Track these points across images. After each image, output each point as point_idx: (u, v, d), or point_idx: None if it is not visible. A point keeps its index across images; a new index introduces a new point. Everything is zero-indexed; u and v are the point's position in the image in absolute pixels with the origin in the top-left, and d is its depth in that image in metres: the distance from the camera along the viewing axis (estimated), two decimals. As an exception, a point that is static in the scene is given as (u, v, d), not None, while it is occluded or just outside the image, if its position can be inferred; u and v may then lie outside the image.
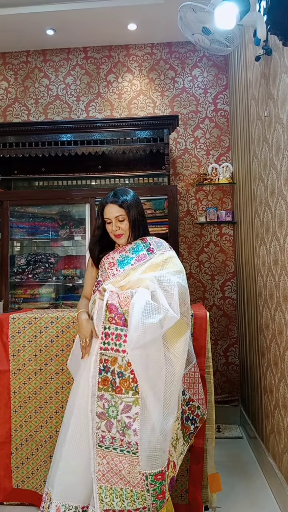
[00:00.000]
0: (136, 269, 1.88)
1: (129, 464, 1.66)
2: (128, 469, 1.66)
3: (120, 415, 1.68)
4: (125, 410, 1.68)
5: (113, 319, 1.75)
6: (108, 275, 1.91)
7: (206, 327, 2.14)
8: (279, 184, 2.18)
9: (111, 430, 1.69)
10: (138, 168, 3.70)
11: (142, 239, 2.01)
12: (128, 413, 1.67)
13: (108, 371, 1.73)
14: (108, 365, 1.73)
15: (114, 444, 1.68)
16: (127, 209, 1.93)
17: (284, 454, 2.19)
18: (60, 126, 3.41)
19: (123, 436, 1.67)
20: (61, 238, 3.57)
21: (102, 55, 3.87)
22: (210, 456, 2.12)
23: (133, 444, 1.65)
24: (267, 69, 2.35)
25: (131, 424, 1.66)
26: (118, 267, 1.92)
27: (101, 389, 1.72)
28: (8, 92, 3.91)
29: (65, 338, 2.27)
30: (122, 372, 1.70)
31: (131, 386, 1.69)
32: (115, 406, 1.70)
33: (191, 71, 3.81)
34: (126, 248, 1.98)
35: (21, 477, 2.27)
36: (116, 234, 1.97)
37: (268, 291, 2.46)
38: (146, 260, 1.90)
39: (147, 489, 1.65)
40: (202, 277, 3.66)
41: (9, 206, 3.30)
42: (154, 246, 1.97)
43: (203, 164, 3.74)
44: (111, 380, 1.72)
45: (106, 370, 1.73)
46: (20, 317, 2.31)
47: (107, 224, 1.98)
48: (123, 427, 1.67)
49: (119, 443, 1.68)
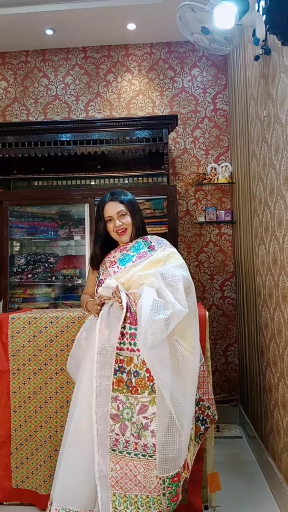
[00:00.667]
0: (137, 265, 1.88)
1: (145, 468, 1.62)
2: (144, 473, 1.61)
3: (137, 416, 1.64)
4: (142, 411, 1.64)
5: (128, 318, 1.73)
6: (109, 273, 1.92)
7: (206, 327, 2.14)
8: (278, 184, 2.18)
9: (125, 433, 1.64)
10: (138, 168, 3.70)
11: (143, 237, 2.02)
12: (145, 413, 1.63)
13: (124, 372, 1.69)
14: (123, 365, 1.70)
15: (128, 448, 1.63)
16: (128, 204, 1.97)
17: (283, 454, 2.19)
18: (59, 126, 3.41)
19: (138, 439, 1.63)
20: (60, 238, 3.57)
21: (102, 55, 3.87)
22: (209, 456, 2.12)
23: (150, 447, 1.61)
24: (266, 69, 2.35)
25: (148, 425, 1.62)
26: (119, 264, 1.92)
27: (115, 390, 1.68)
28: (8, 92, 3.90)
29: (64, 338, 2.27)
30: (138, 371, 1.67)
31: (147, 385, 1.65)
32: (130, 408, 1.65)
33: (190, 71, 3.81)
34: (127, 247, 1.98)
35: (21, 477, 2.27)
36: (120, 230, 1.96)
37: (267, 290, 2.46)
38: (147, 257, 1.90)
39: (163, 493, 1.62)
40: (201, 276, 3.66)
41: (9, 206, 3.30)
42: (155, 244, 1.98)
43: (202, 163, 3.74)
44: (126, 380, 1.68)
45: (122, 370, 1.69)
46: (20, 317, 2.31)
47: (108, 223, 1.98)
48: (139, 429, 1.63)
49: (133, 446, 1.63)
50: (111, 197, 1.97)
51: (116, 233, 1.98)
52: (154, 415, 1.63)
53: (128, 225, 1.97)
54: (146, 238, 2.02)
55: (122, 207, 1.95)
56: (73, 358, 1.99)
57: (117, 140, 3.34)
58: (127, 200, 1.98)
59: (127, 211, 1.96)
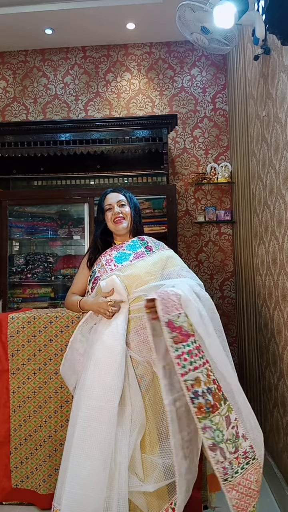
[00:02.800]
0: (134, 265, 1.86)
1: (254, 474, 1.56)
2: (256, 478, 1.56)
3: (227, 431, 1.54)
4: (228, 423, 1.56)
5: (177, 337, 1.55)
6: (106, 270, 1.89)
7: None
8: (278, 184, 2.18)
9: (226, 456, 1.52)
10: (137, 168, 3.70)
11: (139, 237, 2.01)
12: (231, 424, 1.56)
13: (198, 396, 1.53)
14: (196, 389, 1.53)
15: (234, 467, 1.53)
16: (128, 198, 2.01)
17: (283, 453, 2.19)
18: (58, 126, 3.41)
19: (235, 453, 1.54)
20: (60, 238, 3.57)
21: (101, 54, 3.86)
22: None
23: (248, 451, 1.56)
24: (265, 69, 2.35)
25: (237, 432, 1.56)
26: (116, 262, 1.91)
27: (201, 420, 1.51)
28: (7, 92, 3.90)
29: (64, 338, 2.27)
30: (209, 387, 1.55)
31: (220, 397, 1.56)
32: (219, 430, 1.53)
33: (190, 70, 3.80)
34: (123, 246, 1.97)
35: (20, 477, 2.27)
36: (117, 218, 1.95)
37: (267, 290, 2.46)
38: (144, 258, 1.89)
39: None
40: (201, 276, 3.66)
41: (8, 206, 3.30)
42: (152, 245, 1.97)
43: (202, 163, 3.74)
44: (205, 404, 1.53)
45: (196, 395, 1.52)
46: (19, 316, 2.30)
47: (107, 212, 1.98)
48: (233, 442, 1.54)
49: (236, 463, 1.53)
50: (112, 189, 2.05)
51: (113, 222, 1.97)
52: (236, 421, 1.58)
53: (126, 215, 1.98)
54: (143, 238, 2.02)
55: (122, 197, 2.00)
56: (67, 361, 1.91)
57: (117, 139, 3.34)
58: (128, 195, 2.04)
59: (126, 202, 2.00)
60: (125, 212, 1.97)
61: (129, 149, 3.47)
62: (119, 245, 1.99)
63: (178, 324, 1.57)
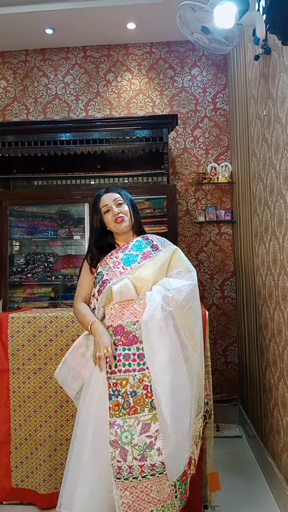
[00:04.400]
0: (143, 266, 1.85)
1: (157, 484, 1.57)
2: (157, 489, 1.57)
3: (138, 437, 1.58)
4: (144, 430, 1.59)
5: (119, 340, 1.72)
6: (115, 273, 1.85)
7: (206, 326, 2.14)
8: (278, 184, 2.18)
9: (127, 459, 1.57)
10: (137, 168, 3.70)
11: (143, 236, 2.00)
12: (148, 432, 1.59)
13: (119, 395, 1.65)
14: (117, 388, 1.66)
15: (133, 473, 1.56)
16: (124, 196, 1.99)
17: (283, 453, 2.19)
18: (59, 125, 3.41)
19: (142, 461, 1.56)
20: (60, 238, 3.56)
21: (101, 54, 3.86)
22: (209, 455, 2.12)
23: (158, 466, 1.56)
24: (266, 68, 2.35)
25: (153, 444, 1.57)
26: (124, 265, 1.87)
27: (112, 415, 1.63)
28: (7, 91, 3.90)
29: (64, 338, 2.27)
30: (135, 391, 1.64)
31: (145, 403, 1.62)
32: (129, 431, 1.60)
33: (190, 70, 3.80)
34: (128, 246, 1.94)
35: (21, 477, 2.27)
36: (118, 218, 1.92)
37: (267, 290, 2.46)
38: (152, 258, 1.88)
39: (175, 496, 1.60)
40: (201, 276, 3.66)
41: (8, 206, 3.30)
42: (157, 243, 1.96)
43: (202, 163, 3.74)
44: (123, 403, 1.63)
45: (116, 394, 1.65)
46: (20, 316, 2.31)
47: (105, 215, 1.95)
48: (143, 450, 1.57)
49: (138, 470, 1.56)
50: (106, 190, 2.00)
51: (114, 222, 1.93)
52: (157, 432, 1.59)
53: (126, 213, 1.95)
54: (147, 237, 2.00)
55: (118, 195, 1.97)
56: (66, 366, 1.90)
57: (117, 139, 3.34)
58: (124, 193, 2.01)
59: (123, 200, 1.97)
60: (124, 210, 1.95)
61: (129, 149, 3.47)
62: (124, 246, 1.96)
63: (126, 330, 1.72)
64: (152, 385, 1.64)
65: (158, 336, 1.69)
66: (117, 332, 1.74)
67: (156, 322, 1.69)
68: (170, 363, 1.67)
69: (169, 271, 1.89)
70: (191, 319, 1.78)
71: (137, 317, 1.73)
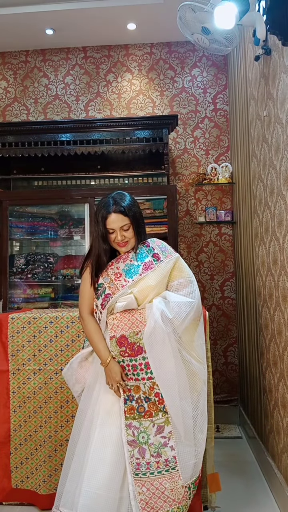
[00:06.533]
0: (146, 278, 1.85)
1: (170, 482, 1.71)
2: (171, 487, 1.71)
3: (154, 438, 1.74)
4: (159, 431, 1.74)
5: (125, 352, 1.79)
6: (117, 287, 1.84)
7: (206, 327, 2.13)
8: (279, 184, 2.18)
9: (145, 456, 1.73)
10: (138, 168, 3.70)
11: (143, 242, 1.96)
12: (162, 433, 1.74)
13: (133, 400, 1.77)
14: (131, 393, 1.78)
15: (150, 468, 1.72)
16: (132, 217, 1.86)
17: (283, 454, 2.19)
18: (59, 126, 3.41)
19: (158, 457, 1.72)
20: (60, 238, 3.56)
21: (102, 54, 3.86)
22: (209, 456, 2.11)
23: (171, 460, 1.72)
24: (266, 69, 2.35)
25: (166, 443, 1.73)
26: (126, 277, 1.85)
27: (128, 418, 1.76)
28: (8, 92, 3.90)
29: (64, 338, 2.27)
30: (148, 397, 1.76)
31: (159, 408, 1.75)
32: (145, 432, 1.74)
33: (191, 71, 3.80)
34: (129, 256, 1.91)
35: (20, 477, 2.27)
36: (121, 243, 1.88)
37: (268, 291, 2.46)
38: (153, 269, 1.86)
39: (189, 497, 1.74)
40: (201, 277, 3.66)
41: (8, 206, 3.30)
42: (158, 251, 1.92)
43: (203, 164, 3.74)
44: (137, 407, 1.77)
45: (131, 398, 1.78)
46: (20, 317, 2.30)
47: (109, 234, 1.88)
48: (158, 448, 1.73)
49: (155, 466, 1.72)
50: (114, 207, 1.83)
51: (118, 245, 1.90)
52: (170, 433, 1.74)
53: (130, 238, 1.89)
54: (148, 244, 1.96)
55: (126, 221, 1.84)
56: (71, 370, 1.97)
57: (117, 140, 3.34)
58: (132, 213, 1.86)
59: (131, 224, 1.86)
60: (128, 236, 1.87)
61: (129, 150, 3.47)
62: (125, 256, 1.93)
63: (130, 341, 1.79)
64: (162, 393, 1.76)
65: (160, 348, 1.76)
66: (121, 343, 1.79)
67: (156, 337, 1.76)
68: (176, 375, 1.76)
69: (171, 281, 1.90)
70: (191, 335, 1.85)
71: (139, 327, 1.78)
